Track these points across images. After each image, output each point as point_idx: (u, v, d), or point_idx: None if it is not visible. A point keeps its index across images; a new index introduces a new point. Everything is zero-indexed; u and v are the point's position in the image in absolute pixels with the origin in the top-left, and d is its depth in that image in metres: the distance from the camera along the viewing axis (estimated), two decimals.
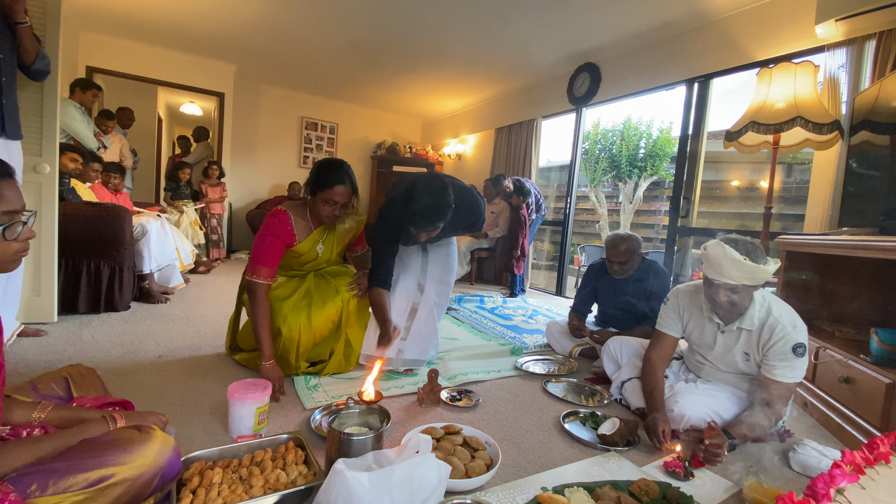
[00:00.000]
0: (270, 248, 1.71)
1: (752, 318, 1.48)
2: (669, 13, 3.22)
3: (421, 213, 1.63)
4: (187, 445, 1.25)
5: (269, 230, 1.73)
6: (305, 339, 1.78)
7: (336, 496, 0.90)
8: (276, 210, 1.77)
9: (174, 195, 4.58)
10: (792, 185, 5.01)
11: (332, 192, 1.68)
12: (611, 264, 2.30)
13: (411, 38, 4.06)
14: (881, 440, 1.06)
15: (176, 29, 4.28)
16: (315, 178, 1.72)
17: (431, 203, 1.63)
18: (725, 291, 1.42)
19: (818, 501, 0.86)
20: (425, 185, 1.67)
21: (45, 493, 0.77)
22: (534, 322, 3.28)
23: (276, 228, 1.73)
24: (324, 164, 1.75)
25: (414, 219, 1.65)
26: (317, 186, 1.71)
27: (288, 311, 1.77)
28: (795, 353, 1.41)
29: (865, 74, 2.30)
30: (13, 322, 2.02)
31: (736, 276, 1.37)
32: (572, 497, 1.09)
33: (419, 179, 1.70)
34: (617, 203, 7.47)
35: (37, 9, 2.04)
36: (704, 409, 1.52)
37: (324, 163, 1.75)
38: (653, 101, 9.71)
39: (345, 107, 6.55)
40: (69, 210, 2.46)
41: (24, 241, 0.88)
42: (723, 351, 1.58)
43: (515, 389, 1.94)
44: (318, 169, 1.74)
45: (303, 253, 1.82)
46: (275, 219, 1.74)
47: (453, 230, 1.98)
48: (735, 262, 1.36)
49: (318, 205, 1.73)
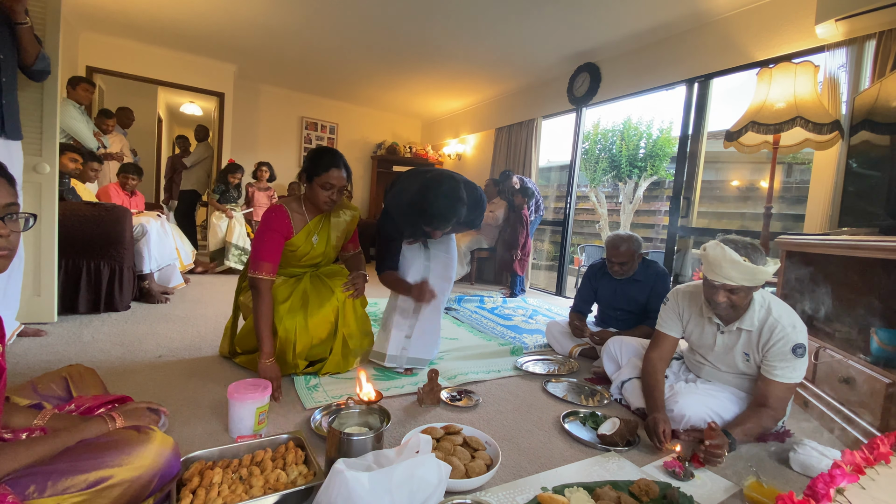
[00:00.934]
0: (270, 244, 1.74)
1: (752, 318, 1.48)
2: (669, 13, 3.22)
3: (439, 214, 1.70)
4: (187, 445, 1.25)
5: (269, 225, 1.75)
6: (302, 340, 1.78)
7: (336, 496, 0.90)
8: (273, 206, 1.80)
9: (222, 198, 4.32)
10: (792, 185, 5.01)
11: (328, 176, 1.73)
12: (611, 265, 2.30)
13: (411, 38, 4.06)
14: (881, 440, 1.06)
15: (176, 29, 4.28)
16: (310, 164, 1.76)
17: (448, 204, 1.70)
18: (724, 293, 1.42)
19: (818, 501, 0.86)
20: (439, 185, 1.73)
21: (43, 494, 0.77)
22: (534, 322, 3.27)
23: (274, 223, 1.76)
24: (318, 150, 1.80)
25: (432, 220, 1.72)
26: (313, 171, 1.75)
27: (284, 313, 1.77)
28: (795, 354, 1.41)
29: (865, 74, 2.30)
30: (13, 322, 2.02)
31: (735, 278, 1.37)
32: (572, 497, 1.09)
33: (431, 181, 1.75)
34: (617, 203, 7.47)
35: (37, 9, 2.04)
36: (704, 409, 1.52)
37: (318, 149, 1.80)
38: (653, 101, 9.71)
39: (345, 107, 6.54)
40: (69, 210, 2.46)
41: (7, 236, 0.84)
42: (723, 351, 1.58)
43: (515, 389, 1.94)
44: (313, 155, 1.78)
45: (299, 245, 1.83)
46: (272, 214, 1.77)
47: (459, 226, 2.01)
48: (734, 264, 1.36)
49: (315, 191, 1.76)
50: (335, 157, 1.76)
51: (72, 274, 2.49)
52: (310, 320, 1.79)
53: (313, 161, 1.76)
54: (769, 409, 1.44)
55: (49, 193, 2.20)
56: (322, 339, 1.85)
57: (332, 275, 1.98)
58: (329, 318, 1.85)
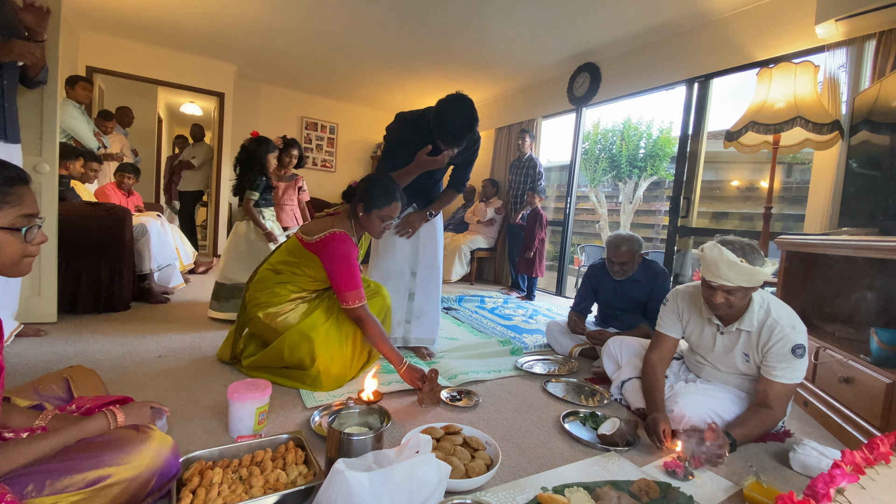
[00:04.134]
0: (355, 271, 1.74)
1: (752, 319, 1.48)
2: (669, 13, 3.22)
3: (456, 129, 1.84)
4: (187, 445, 1.25)
5: (352, 254, 1.73)
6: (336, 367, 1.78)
7: (336, 496, 0.90)
8: (338, 234, 1.74)
9: (261, 198, 2.72)
10: (792, 185, 5.01)
11: (390, 210, 1.77)
12: (611, 265, 2.30)
13: (412, 38, 4.06)
14: (881, 440, 1.06)
15: (176, 29, 4.28)
16: (373, 196, 1.76)
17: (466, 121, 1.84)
18: (722, 293, 1.42)
19: (818, 501, 0.86)
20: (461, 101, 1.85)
21: (41, 493, 0.77)
22: (534, 322, 3.27)
23: (352, 251, 1.75)
24: (383, 182, 1.79)
25: (447, 134, 1.84)
26: (374, 202, 1.75)
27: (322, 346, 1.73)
28: (795, 355, 1.41)
29: (865, 74, 2.30)
30: (13, 322, 2.02)
31: (732, 279, 1.37)
32: (572, 497, 1.09)
33: (453, 98, 1.86)
34: (617, 203, 7.47)
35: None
36: (705, 409, 1.51)
37: (383, 181, 1.79)
38: (653, 101, 9.71)
39: (345, 107, 6.55)
40: (69, 210, 2.46)
41: (38, 244, 0.92)
42: (722, 352, 1.58)
43: (515, 389, 1.94)
44: (377, 187, 1.77)
45: None
46: (345, 243, 1.73)
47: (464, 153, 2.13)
48: (731, 265, 1.35)
49: (373, 220, 1.78)
50: (398, 191, 1.79)
51: (72, 274, 2.49)
52: (346, 351, 1.81)
53: (376, 193, 1.75)
54: (769, 409, 1.44)
55: (49, 193, 2.20)
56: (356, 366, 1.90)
57: None
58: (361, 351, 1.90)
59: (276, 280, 1.83)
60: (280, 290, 1.82)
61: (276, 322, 1.76)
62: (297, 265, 1.82)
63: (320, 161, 6.47)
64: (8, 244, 0.86)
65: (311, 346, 1.69)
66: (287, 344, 1.71)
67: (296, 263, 1.82)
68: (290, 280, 1.83)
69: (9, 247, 0.86)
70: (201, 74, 5.11)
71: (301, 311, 1.81)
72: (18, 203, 0.86)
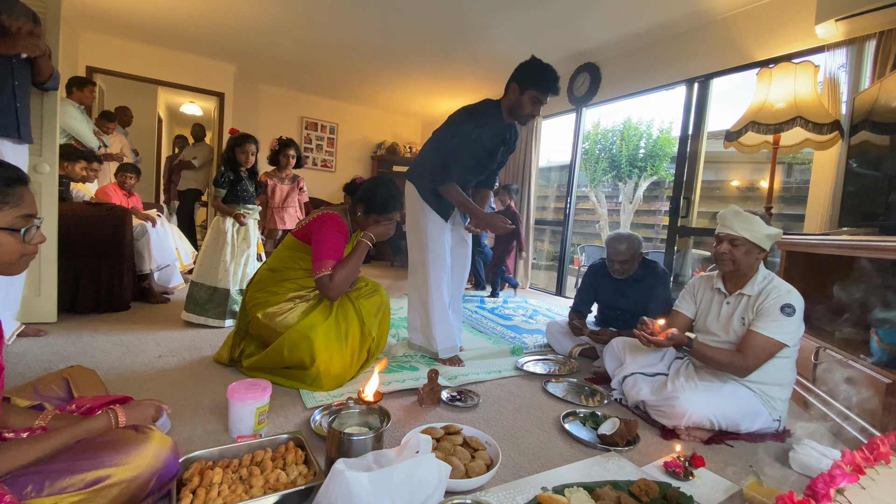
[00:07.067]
0: (340, 248, 1.77)
1: (753, 285, 1.61)
2: (669, 13, 3.22)
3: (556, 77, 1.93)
4: (187, 445, 1.25)
5: (337, 227, 1.78)
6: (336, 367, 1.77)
7: (336, 496, 0.90)
8: (333, 214, 1.81)
9: (229, 195, 2.61)
10: (792, 185, 5.01)
11: (390, 217, 1.84)
12: (612, 264, 2.30)
13: (411, 38, 4.05)
14: (881, 440, 1.06)
15: (176, 29, 4.28)
16: (376, 204, 1.81)
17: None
18: (727, 243, 1.58)
19: (818, 501, 0.86)
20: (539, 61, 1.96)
21: (41, 493, 0.77)
22: (534, 322, 3.27)
23: (342, 227, 1.80)
24: (387, 189, 1.83)
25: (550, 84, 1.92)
26: (376, 210, 1.81)
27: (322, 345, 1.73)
28: (783, 312, 1.49)
29: (865, 74, 2.30)
30: (13, 322, 2.02)
31: (737, 228, 1.55)
32: (572, 497, 1.09)
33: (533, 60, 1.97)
34: (617, 203, 7.47)
35: (37, 9, 2.03)
36: (706, 405, 1.52)
37: (387, 188, 1.83)
38: (653, 101, 9.71)
39: (345, 107, 6.54)
40: (69, 210, 2.46)
41: (36, 244, 0.92)
42: (725, 320, 1.67)
43: (515, 389, 1.94)
44: (379, 193, 1.81)
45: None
46: (337, 222, 1.80)
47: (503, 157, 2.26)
48: (737, 214, 1.58)
49: (370, 223, 1.84)
50: (400, 201, 1.86)
51: (72, 274, 2.49)
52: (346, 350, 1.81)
53: (380, 200, 1.80)
54: (740, 354, 1.53)
55: (49, 193, 2.20)
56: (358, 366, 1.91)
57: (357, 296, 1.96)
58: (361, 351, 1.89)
59: (273, 279, 1.85)
60: (278, 288, 1.83)
61: (276, 322, 1.76)
62: (291, 258, 1.86)
63: (320, 161, 6.47)
64: (7, 244, 0.86)
65: (310, 346, 1.69)
66: (287, 344, 1.71)
67: (290, 257, 1.86)
68: (287, 277, 1.85)
69: (7, 247, 0.87)
70: (201, 74, 5.11)
71: (300, 310, 1.81)
72: (17, 203, 0.87)
